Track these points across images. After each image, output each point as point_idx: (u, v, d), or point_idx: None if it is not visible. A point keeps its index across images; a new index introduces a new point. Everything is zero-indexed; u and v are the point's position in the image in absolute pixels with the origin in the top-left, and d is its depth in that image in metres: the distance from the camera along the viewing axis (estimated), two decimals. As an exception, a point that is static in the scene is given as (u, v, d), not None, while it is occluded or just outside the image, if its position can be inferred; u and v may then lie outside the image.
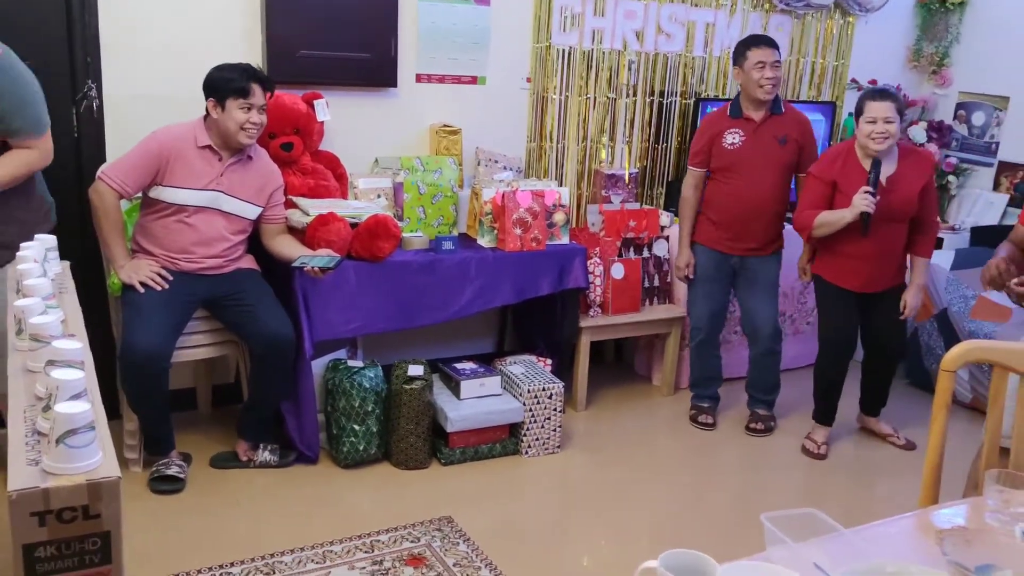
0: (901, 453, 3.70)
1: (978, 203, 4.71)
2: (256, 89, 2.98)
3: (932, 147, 4.78)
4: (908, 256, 3.54)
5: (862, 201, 3.22)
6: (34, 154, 2.72)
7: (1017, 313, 3.84)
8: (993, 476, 1.60)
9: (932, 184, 3.45)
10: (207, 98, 2.99)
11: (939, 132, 4.90)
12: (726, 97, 4.39)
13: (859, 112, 3.31)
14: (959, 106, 4.92)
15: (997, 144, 4.74)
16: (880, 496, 3.42)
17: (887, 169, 3.32)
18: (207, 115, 3.02)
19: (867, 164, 3.30)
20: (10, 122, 2.63)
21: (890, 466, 3.62)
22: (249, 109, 2.97)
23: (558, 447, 3.51)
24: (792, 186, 3.71)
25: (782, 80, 3.89)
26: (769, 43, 3.50)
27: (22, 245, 2.13)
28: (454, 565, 2.68)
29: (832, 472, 3.54)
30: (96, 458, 1.30)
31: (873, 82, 4.87)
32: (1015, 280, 2.52)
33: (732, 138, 3.55)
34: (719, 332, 3.87)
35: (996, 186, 4.73)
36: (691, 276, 3.76)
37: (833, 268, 3.48)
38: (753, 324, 3.73)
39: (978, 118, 4.83)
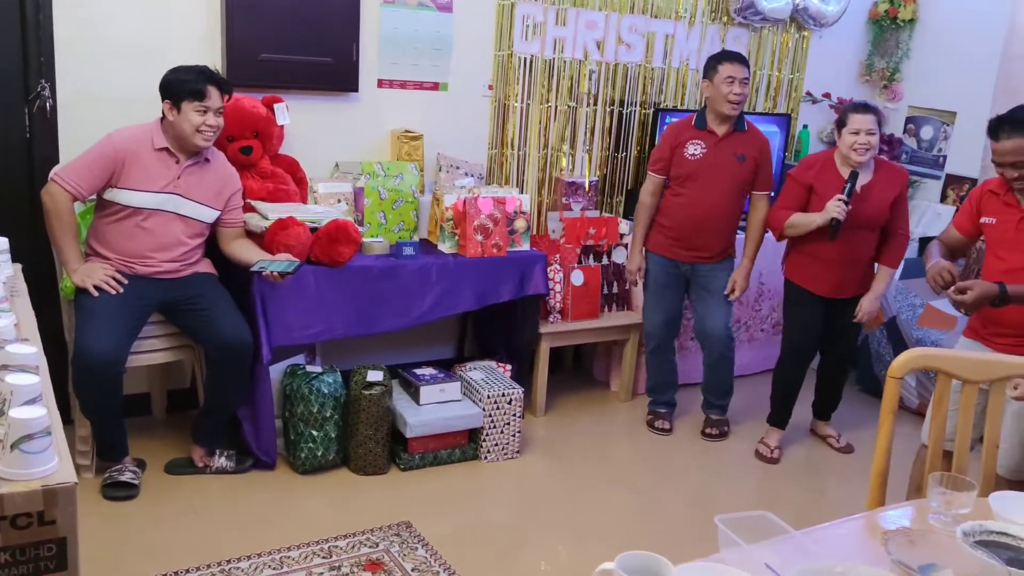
0: (851, 456, 3.79)
1: (926, 214, 4.84)
2: (213, 92, 2.96)
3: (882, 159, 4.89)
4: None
5: (834, 208, 3.30)
6: None
7: (962, 321, 3.96)
8: (936, 479, 1.66)
9: (904, 197, 3.53)
10: (163, 100, 2.96)
11: (889, 145, 5.03)
12: (684, 108, 4.46)
13: (841, 124, 3.39)
14: (909, 120, 5.05)
15: (944, 157, 4.88)
16: (830, 499, 3.50)
17: (863, 178, 3.40)
18: (163, 117, 2.99)
19: (845, 173, 3.39)
20: None
21: (839, 470, 3.70)
22: (205, 112, 2.94)
23: (517, 452, 3.53)
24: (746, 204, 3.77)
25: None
26: (741, 60, 3.56)
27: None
28: (412, 570, 2.68)
29: (784, 476, 3.61)
30: (52, 464, 1.29)
31: (827, 95, 4.99)
32: (952, 288, 2.60)
33: (694, 149, 3.61)
34: (674, 338, 3.93)
35: (943, 198, 4.86)
36: (640, 280, 3.81)
37: (804, 272, 3.55)
38: (704, 330, 3.79)
39: (927, 132, 4.97)
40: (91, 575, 1.45)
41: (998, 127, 2.60)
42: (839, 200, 3.30)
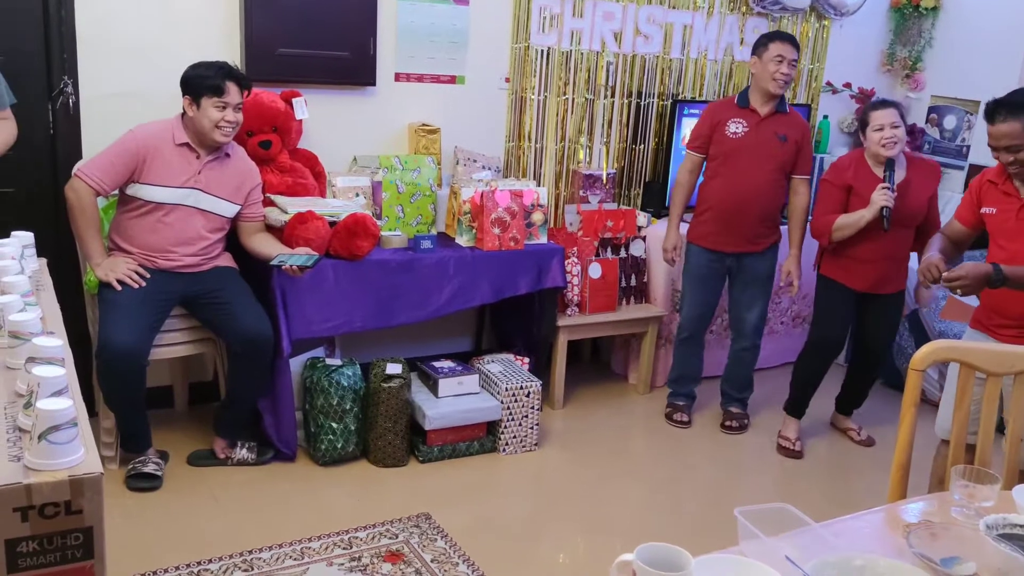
0: (872, 450, 3.76)
1: (949, 205, 4.79)
2: (231, 87, 2.97)
3: (912, 155, 4.84)
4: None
5: (881, 196, 3.27)
6: (11, 124, 2.81)
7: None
8: (959, 472, 1.65)
9: (937, 191, 3.51)
10: (183, 96, 2.99)
11: (911, 135, 4.97)
12: (703, 99, 4.44)
13: (864, 124, 3.38)
14: (931, 109, 4.99)
15: (968, 147, 4.82)
16: (850, 492, 3.48)
17: (897, 175, 3.37)
18: (184, 113, 3.01)
19: (878, 171, 3.36)
20: None
21: (860, 463, 3.68)
22: (224, 108, 2.96)
23: (535, 445, 3.53)
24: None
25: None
26: (792, 40, 3.53)
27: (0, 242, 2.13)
28: (432, 561, 2.70)
29: (804, 469, 3.59)
30: (78, 454, 1.31)
31: (847, 85, 4.94)
32: (945, 274, 2.59)
33: (735, 127, 3.58)
34: (705, 331, 3.90)
35: (967, 189, 4.80)
36: (676, 258, 3.80)
37: (842, 269, 3.51)
38: (740, 319, 3.78)
39: (950, 121, 4.91)
40: (115, 565, 1.47)
41: (995, 110, 2.57)
42: (883, 188, 3.27)
